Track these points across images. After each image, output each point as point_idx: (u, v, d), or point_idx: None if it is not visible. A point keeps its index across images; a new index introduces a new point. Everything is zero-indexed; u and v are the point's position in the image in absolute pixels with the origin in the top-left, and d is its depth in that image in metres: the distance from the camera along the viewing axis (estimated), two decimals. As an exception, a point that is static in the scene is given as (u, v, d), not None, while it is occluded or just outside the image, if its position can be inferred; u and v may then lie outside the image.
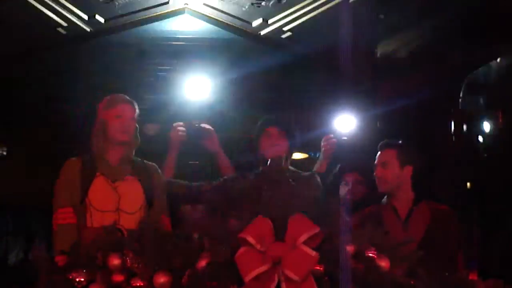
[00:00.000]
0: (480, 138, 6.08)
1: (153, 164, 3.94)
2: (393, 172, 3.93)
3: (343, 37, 4.89)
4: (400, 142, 4.06)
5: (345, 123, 5.04)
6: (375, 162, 4.00)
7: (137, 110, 3.84)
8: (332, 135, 4.37)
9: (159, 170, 3.94)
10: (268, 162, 3.98)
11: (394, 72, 6.13)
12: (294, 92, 6.81)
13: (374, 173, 3.98)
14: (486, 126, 6.08)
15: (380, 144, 4.05)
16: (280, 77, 6.49)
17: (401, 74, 6.06)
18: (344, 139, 4.49)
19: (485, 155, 6.04)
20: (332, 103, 5.77)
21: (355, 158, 4.64)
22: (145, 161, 3.92)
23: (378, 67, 6.22)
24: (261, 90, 6.69)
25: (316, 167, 4.31)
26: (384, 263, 2.60)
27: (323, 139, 4.37)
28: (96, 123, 3.85)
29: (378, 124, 6.03)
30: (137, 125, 3.86)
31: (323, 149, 4.34)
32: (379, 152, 4.02)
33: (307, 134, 4.38)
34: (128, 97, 3.87)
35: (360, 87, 6.10)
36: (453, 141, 5.94)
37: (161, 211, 3.81)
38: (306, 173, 4.08)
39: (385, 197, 3.98)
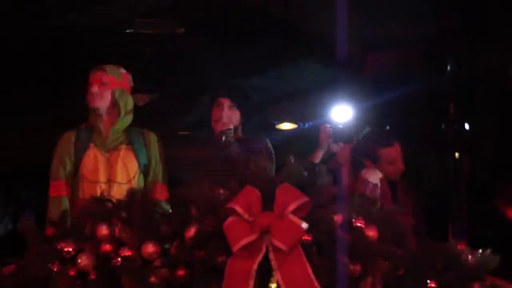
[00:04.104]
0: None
1: (152, 132, 3.92)
2: None
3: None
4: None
5: (341, 113, 5.14)
6: (394, 155, 4.08)
7: (114, 76, 3.79)
8: (328, 125, 4.41)
9: (157, 138, 3.91)
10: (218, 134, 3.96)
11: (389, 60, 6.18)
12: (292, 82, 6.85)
13: (401, 166, 4.07)
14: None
15: (385, 137, 4.12)
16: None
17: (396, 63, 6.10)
18: (340, 128, 4.50)
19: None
20: (329, 93, 5.85)
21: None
22: (144, 129, 3.90)
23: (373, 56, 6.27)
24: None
25: (312, 156, 4.36)
26: (372, 233, 2.60)
27: (320, 129, 4.43)
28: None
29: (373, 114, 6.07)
30: (126, 93, 3.83)
31: (320, 138, 4.40)
32: (393, 146, 4.08)
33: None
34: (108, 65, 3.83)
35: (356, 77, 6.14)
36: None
37: (155, 180, 3.80)
38: (256, 138, 4.11)
39: None
